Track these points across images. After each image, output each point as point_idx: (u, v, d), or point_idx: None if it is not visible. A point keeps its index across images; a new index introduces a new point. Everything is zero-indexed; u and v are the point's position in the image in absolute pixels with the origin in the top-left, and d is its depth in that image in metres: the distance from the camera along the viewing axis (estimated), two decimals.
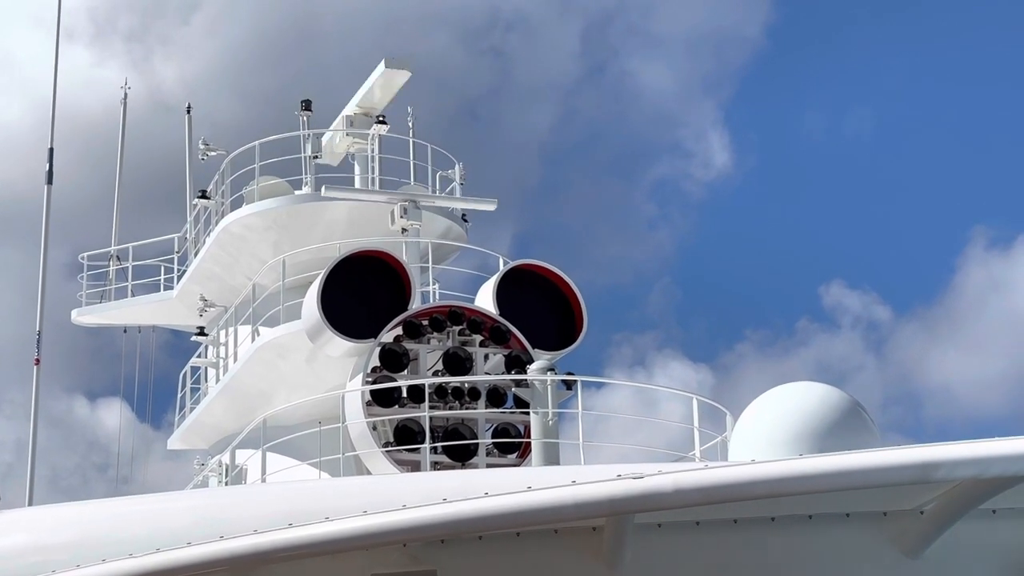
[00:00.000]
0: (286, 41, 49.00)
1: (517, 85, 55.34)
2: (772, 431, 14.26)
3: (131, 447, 26.00)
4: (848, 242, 55.16)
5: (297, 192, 22.64)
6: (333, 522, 12.64)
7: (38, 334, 23.01)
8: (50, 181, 24.14)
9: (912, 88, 56.36)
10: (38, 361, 22.73)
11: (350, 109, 23.00)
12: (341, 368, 19.73)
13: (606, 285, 51.29)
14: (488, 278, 20.86)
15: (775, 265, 54.12)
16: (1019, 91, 54.08)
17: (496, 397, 19.40)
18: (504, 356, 19.93)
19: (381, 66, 22.52)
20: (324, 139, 23.29)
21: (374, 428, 18.75)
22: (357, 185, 22.92)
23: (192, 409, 23.25)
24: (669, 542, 13.44)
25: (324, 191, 21.63)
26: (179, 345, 26.32)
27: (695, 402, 17.09)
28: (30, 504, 21.27)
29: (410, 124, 23.65)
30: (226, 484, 20.41)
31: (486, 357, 19.88)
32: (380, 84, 22.70)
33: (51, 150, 24.43)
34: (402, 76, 22.65)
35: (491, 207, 22.39)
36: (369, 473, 18.74)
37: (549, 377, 17.21)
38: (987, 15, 54.81)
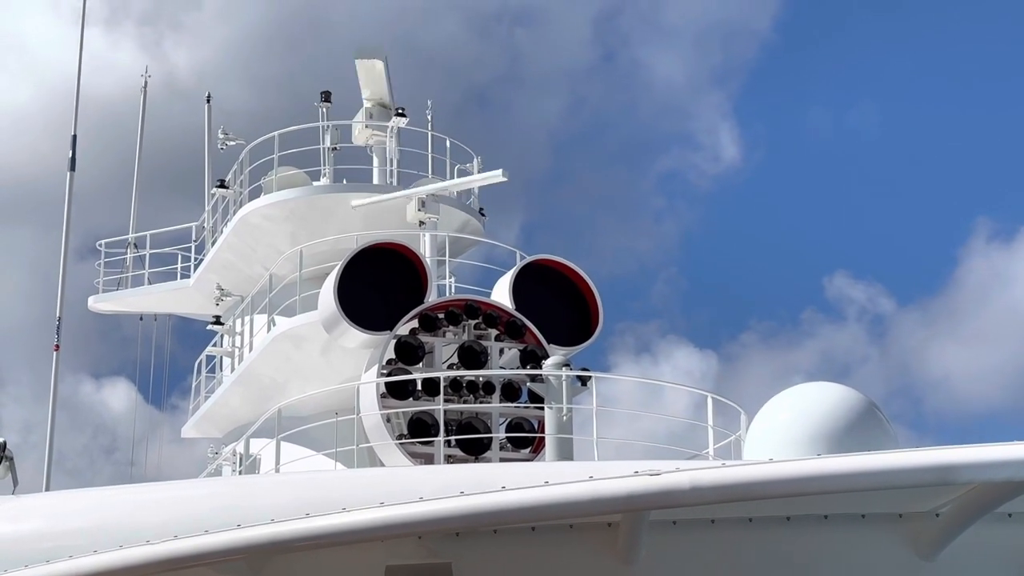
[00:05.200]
0: (296, 28, 49.11)
1: (527, 73, 55.36)
2: (788, 431, 14.28)
3: (143, 432, 26.03)
4: (853, 234, 55.27)
5: (315, 183, 22.69)
6: (350, 513, 12.66)
7: (58, 321, 22.78)
8: (72, 168, 23.95)
9: (916, 83, 56.60)
10: (57, 347, 22.59)
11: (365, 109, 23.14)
12: (356, 360, 19.77)
13: (611, 275, 51.30)
14: (505, 272, 20.90)
15: (780, 256, 54.21)
16: (1022, 85, 54.23)
17: (511, 391, 19.45)
18: (519, 351, 19.98)
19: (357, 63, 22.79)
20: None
21: (388, 420, 18.79)
22: (375, 178, 22.99)
23: (207, 398, 23.31)
24: (684, 539, 13.45)
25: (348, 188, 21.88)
26: (187, 329, 26.34)
27: (710, 400, 17.10)
28: (47, 489, 21.34)
29: (428, 117, 23.72)
30: (240, 473, 20.47)
31: (501, 351, 19.93)
32: (363, 80, 22.87)
33: (74, 137, 24.23)
34: (377, 66, 22.78)
35: (502, 179, 21.65)
36: (383, 465, 18.79)
37: (564, 372, 17.24)
38: (991, 11, 54.98)
